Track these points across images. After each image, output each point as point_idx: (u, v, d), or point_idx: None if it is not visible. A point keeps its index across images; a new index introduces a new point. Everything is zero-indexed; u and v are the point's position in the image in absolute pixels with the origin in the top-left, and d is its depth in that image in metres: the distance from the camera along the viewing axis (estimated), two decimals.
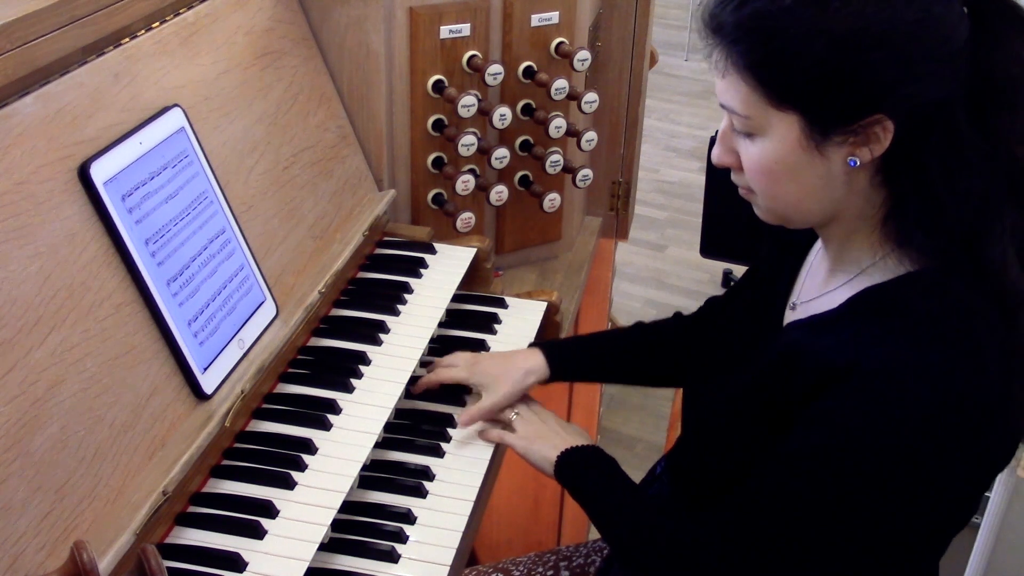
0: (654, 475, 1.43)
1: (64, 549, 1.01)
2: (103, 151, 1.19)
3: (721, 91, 1.09)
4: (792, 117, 1.04)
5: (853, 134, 1.03)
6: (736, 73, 1.05)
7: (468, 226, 1.79)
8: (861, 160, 1.04)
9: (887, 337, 1.03)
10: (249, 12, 1.55)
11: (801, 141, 1.04)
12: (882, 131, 1.02)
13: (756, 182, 1.11)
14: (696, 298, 3.97)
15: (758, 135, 1.07)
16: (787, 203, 1.11)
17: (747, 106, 1.06)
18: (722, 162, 1.14)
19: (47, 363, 1.06)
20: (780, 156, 1.06)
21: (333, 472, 1.27)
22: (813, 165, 1.06)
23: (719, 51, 1.07)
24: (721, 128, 1.13)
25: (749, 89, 1.05)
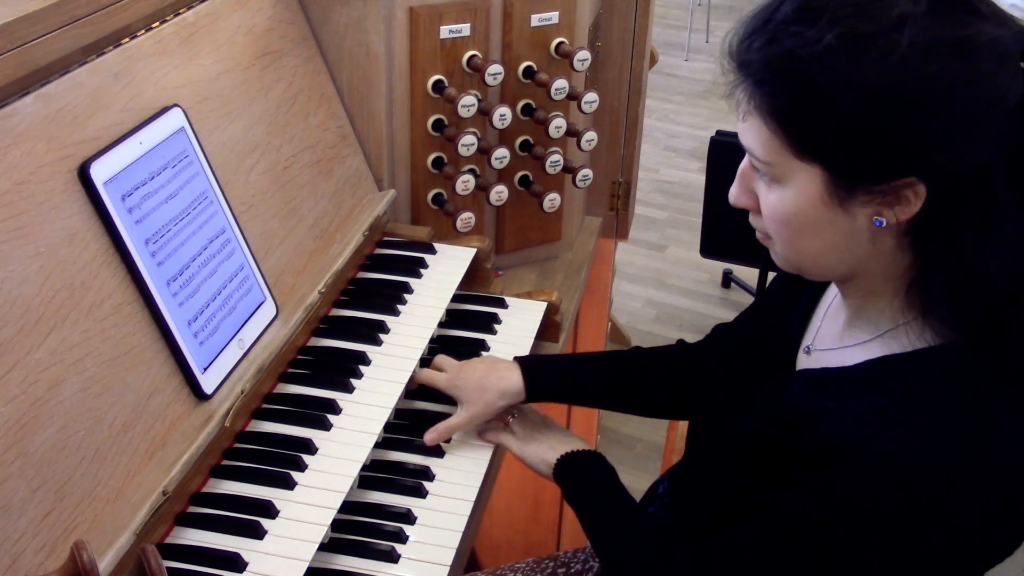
0: (656, 494, 1.42)
1: (64, 549, 1.01)
2: (103, 151, 1.19)
3: (742, 132, 1.01)
4: (815, 169, 0.96)
5: (881, 194, 0.95)
6: (759, 116, 0.97)
7: (468, 226, 1.79)
8: (888, 221, 0.96)
9: (896, 418, 0.97)
10: (249, 12, 1.55)
11: (824, 196, 0.97)
12: (913, 195, 0.94)
13: (774, 230, 1.03)
14: (696, 298, 3.97)
15: (778, 183, 0.99)
16: (805, 256, 1.03)
17: (768, 152, 0.98)
18: (739, 203, 1.06)
19: (47, 363, 1.06)
20: (800, 209, 0.98)
21: (333, 472, 1.27)
22: (836, 221, 0.98)
23: (742, 90, 0.98)
24: (741, 166, 1.05)
25: (771, 134, 0.97)
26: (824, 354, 1.13)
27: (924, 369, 0.99)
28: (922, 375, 0.99)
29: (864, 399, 1.00)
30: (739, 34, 0.99)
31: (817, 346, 1.15)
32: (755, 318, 1.33)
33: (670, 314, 3.87)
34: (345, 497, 1.24)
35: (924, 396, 0.97)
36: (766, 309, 1.31)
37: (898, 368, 1.01)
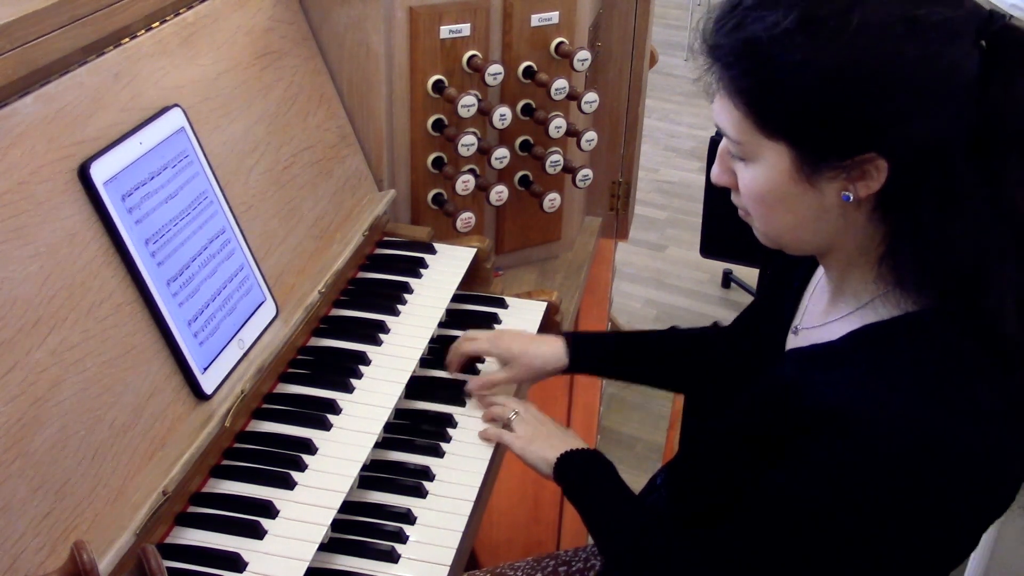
0: (654, 485, 1.42)
1: (64, 549, 1.01)
2: (103, 151, 1.19)
3: (715, 113, 1.06)
4: (782, 147, 1.01)
5: (845, 170, 0.99)
6: (728, 97, 1.03)
7: (468, 226, 1.79)
8: (855, 195, 1.00)
9: (878, 382, 1.00)
10: (249, 12, 1.55)
11: (792, 172, 1.01)
12: (875, 170, 0.98)
13: (751, 207, 1.08)
14: (696, 298, 3.97)
15: (750, 161, 1.04)
16: (781, 231, 1.08)
17: (739, 131, 1.03)
18: (720, 182, 1.11)
19: (47, 363, 1.06)
20: (772, 185, 1.03)
21: (333, 472, 1.27)
22: (806, 196, 1.02)
23: (713, 72, 1.04)
24: (720, 147, 1.10)
25: (741, 115, 1.02)
26: (811, 332, 1.16)
27: (902, 334, 1.03)
28: (900, 339, 1.03)
29: (848, 368, 1.04)
30: (711, 19, 1.04)
31: (805, 325, 1.19)
32: (750, 308, 1.38)
33: (670, 314, 3.87)
34: (345, 497, 1.24)
35: (903, 359, 1.01)
36: (759, 299, 1.36)
37: (878, 335, 1.05)
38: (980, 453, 0.97)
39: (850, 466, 0.98)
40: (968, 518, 1.02)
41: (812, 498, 1.01)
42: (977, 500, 1.00)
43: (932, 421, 0.96)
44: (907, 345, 1.02)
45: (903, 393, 0.98)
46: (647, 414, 3.28)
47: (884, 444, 0.97)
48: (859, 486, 0.98)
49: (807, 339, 1.16)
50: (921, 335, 1.02)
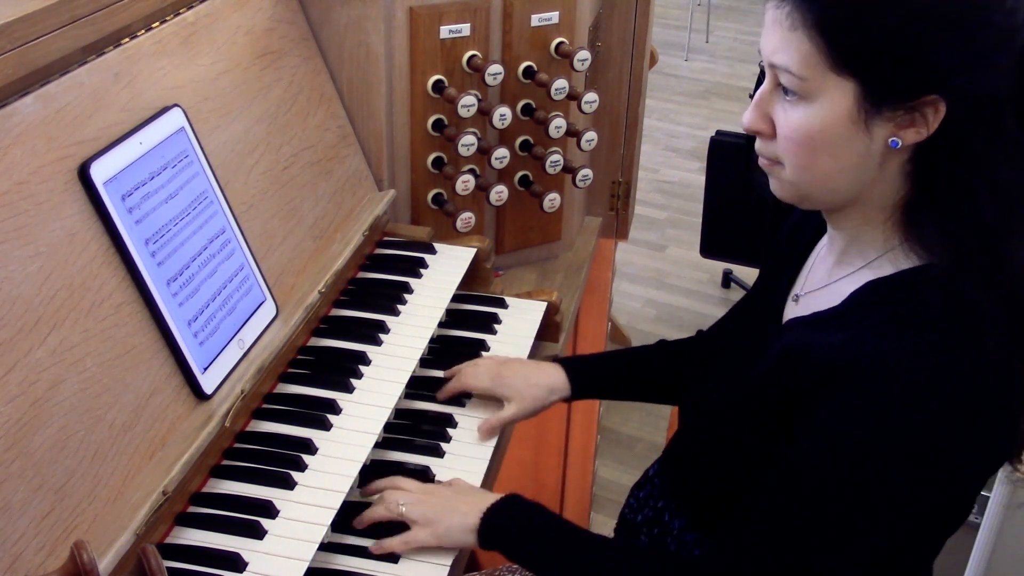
0: (647, 477, 1.42)
1: (64, 549, 1.01)
2: (103, 151, 1.19)
3: (774, 49, 1.05)
4: (849, 85, 1.02)
5: (904, 112, 1.01)
6: (804, 29, 1.02)
7: (468, 226, 1.79)
8: (903, 141, 1.03)
9: (888, 332, 1.03)
10: (249, 12, 1.55)
11: (852, 112, 1.02)
12: (933, 113, 1.01)
13: (790, 151, 1.07)
14: (696, 298, 3.97)
15: (806, 99, 1.04)
16: (816, 176, 1.08)
17: (805, 67, 1.03)
18: (754, 127, 1.11)
19: (47, 363, 1.06)
20: (826, 125, 1.04)
21: (333, 472, 1.27)
22: (855, 139, 1.04)
23: (791, 4, 1.03)
24: (760, 92, 1.09)
25: (813, 49, 1.02)
26: (812, 296, 1.18)
27: (910, 285, 1.06)
28: (908, 291, 1.05)
29: (855, 323, 1.06)
30: None
31: (806, 290, 1.20)
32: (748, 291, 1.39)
33: (670, 314, 3.87)
34: (345, 497, 1.24)
35: (911, 310, 1.03)
36: (757, 280, 1.37)
37: (885, 288, 1.07)
38: (990, 398, 1.00)
39: (864, 417, 1.01)
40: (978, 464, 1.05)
41: (832, 459, 1.03)
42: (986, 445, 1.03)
43: (944, 367, 0.99)
44: (916, 293, 1.04)
45: (914, 340, 1.01)
46: (647, 414, 3.28)
47: (898, 393, 0.99)
48: (877, 438, 1.00)
49: (807, 306, 1.17)
50: (931, 283, 1.04)
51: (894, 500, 1.02)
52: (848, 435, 1.02)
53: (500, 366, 1.50)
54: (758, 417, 1.13)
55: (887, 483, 1.01)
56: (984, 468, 1.08)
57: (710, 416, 1.23)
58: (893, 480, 1.01)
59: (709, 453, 1.21)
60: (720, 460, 1.19)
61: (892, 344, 1.02)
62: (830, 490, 1.03)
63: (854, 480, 1.02)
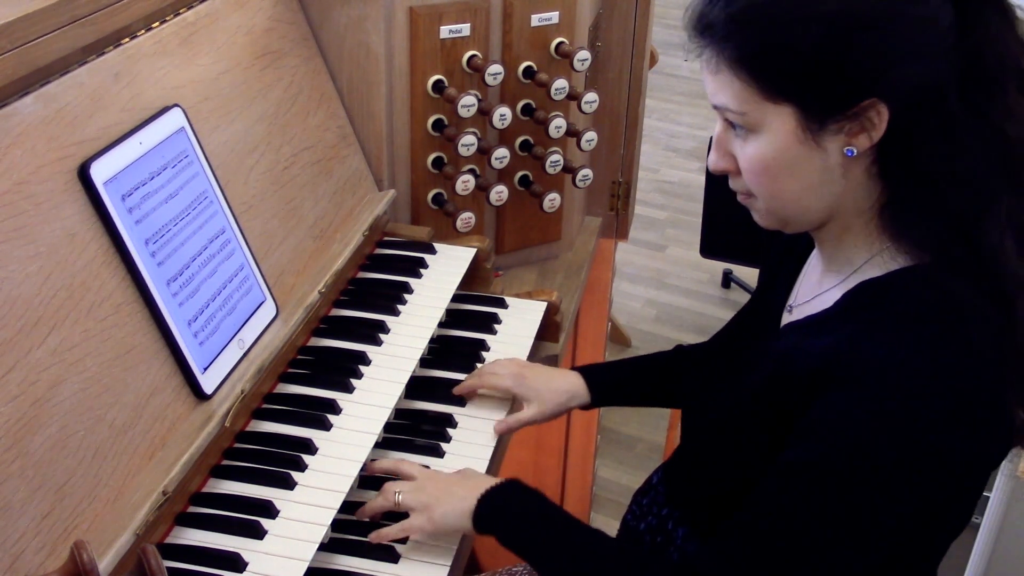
0: (651, 484, 1.42)
1: (64, 549, 1.01)
2: (103, 151, 1.19)
3: (713, 91, 1.08)
4: (787, 109, 1.03)
5: (848, 121, 1.02)
6: (729, 70, 1.04)
7: (468, 226, 1.79)
8: (858, 149, 1.03)
9: (879, 333, 1.03)
10: (249, 12, 1.55)
11: (797, 133, 1.04)
12: (877, 116, 1.01)
13: (755, 182, 1.10)
14: (696, 298, 3.97)
15: (754, 132, 1.06)
16: (787, 201, 1.10)
17: (741, 102, 1.05)
18: (718, 167, 1.13)
19: (47, 363, 1.06)
20: (777, 151, 1.05)
21: (333, 472, 1.27)
22: (811, 158, 1.05)
23: (710, 50, 1.06)
24: (715, 134, 1.12)
25: (743, 84, 1.04)
26: (805, 306, 1.18)
27: (899, 285, 1.06)
28: (894, 291, 1.06)
29: (843, 328, 1.06)
30: (697, 5, 1.08)
31: (798, 301, 1.21)
32: (747, 303, 1.39)
33: (670, 314, 3.87)
34: (345, 497, 1.24)
35: (900, 309, 1.04)
36: (756, 291, 1.38)
37: (874, 289, 1.07)
38: (984, 394, 1.00)
39: (858, 419, 1.00)
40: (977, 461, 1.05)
41: (829, 463, 1.02)
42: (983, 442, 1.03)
43: (937, 364, 0.99)
44: (901, 295, 1.05)
45: (905, 339, 1.01)
46: (647, 414, 3.27)
47: (892, 393, 0.99)
48: (874, 440, 1.00)
49: (801, 313, 1.18)
50: (919, 282, 1.05)
51: (891, 501, 1.01)
52: (842, 436, 1.02)
53: (522, 368, 1.52)
54: (755, 424, 1.12)
55: (883, 485, 1.01)
56: (983, 465, 1.07)
57: (710, 425, 1.23)
58: (889, 482, 1.01)
59: (710, 461, 1.21)
60: (720, 468, 1.18)
61: (882, 345, 1.02)
62: (825, 493, 1.03)
63: (850, 483, 1.01)
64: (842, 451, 1.02)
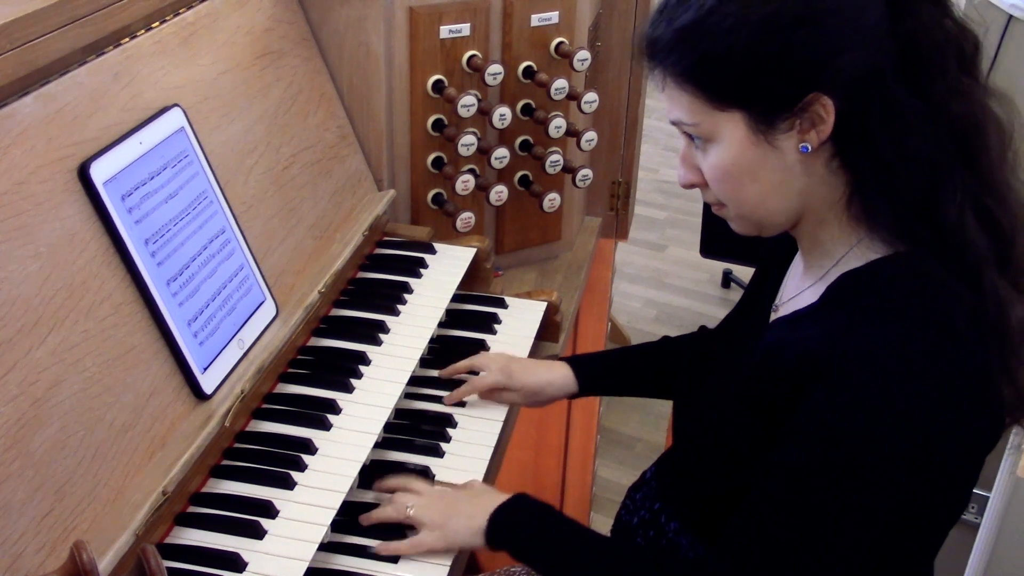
0: (644, 479, 1.42)
1: (64, 549, 1.01)
2: (103, 151, 1.19)
3: (668, 108, 1.11)
4: (736, 115, 1.06)
5: (796, 118, 1.04)
6: (676, 85, 1.08)
7: (468, 226, 1.79)
8: (812, 144, 1.05)
9: (861, 325, 1.04)
10: (249, 12, 1.55)
11: (749, 137, 1.06)
12: (823, 109, 1.03)
13: (720, 190, 1.12)
14: (696, 298, 3.97)
15: (710, 142, 1.09)
16: (753, 205, 1.12)
17: (692, 114, 1.08)
18: (687, 181, 1.16)
19: (47, 363, 1.06)
20: (735, 157, 1.08)
21: (333, 472, 1.27)
22: (768, 159, 1.07)
23: (658, 69, 1.09)
24: (681, 151, 1.15)
25: (690, 97, 1.07)
26: (790, 303, 1.20)
27: (878, 274, 1.07)
28: (879, 280, 1.07)
29: (830, 318, 1.08)
30: (645, 30, 1.12)
31: (783, 299, 1.23)
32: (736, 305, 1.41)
33: (670, 314, 3.87)
34: (345, 497, 1.24)
35: (882, 298, 1.05)
36: (744, 292, 1.40)
37: (855, 280, 1.09)
38: (971, 374, 1.01)
39: (845, 411, 1.01)
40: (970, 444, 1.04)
41: (823, 458, 1.02)
42: (975, 422, 1.03)
43: (921, 349, 1.01)
44: (881, 285, 1.06)
45: (887, 327, 1.02)
46: (647, 414, 3.28)
47: (879, 381, 1.00)
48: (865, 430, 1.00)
49: (787, 310, 1.19)
50: (896, 270, 1.06)
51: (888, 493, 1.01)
52: (834, 433, 1.02)
53: (509, 361, 1.54)
54: (744, 418, 1.13)
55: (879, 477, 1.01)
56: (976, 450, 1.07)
57: (698, 421, 1.24)
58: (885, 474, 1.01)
59: (700, 456, 1.22)
60: (709, 463, 1.19)
61: (865, 337, 1.03)
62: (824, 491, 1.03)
63: (846, 479, 1.02)
64: (835, 447, 1.02)
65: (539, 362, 1.59)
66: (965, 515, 2.10)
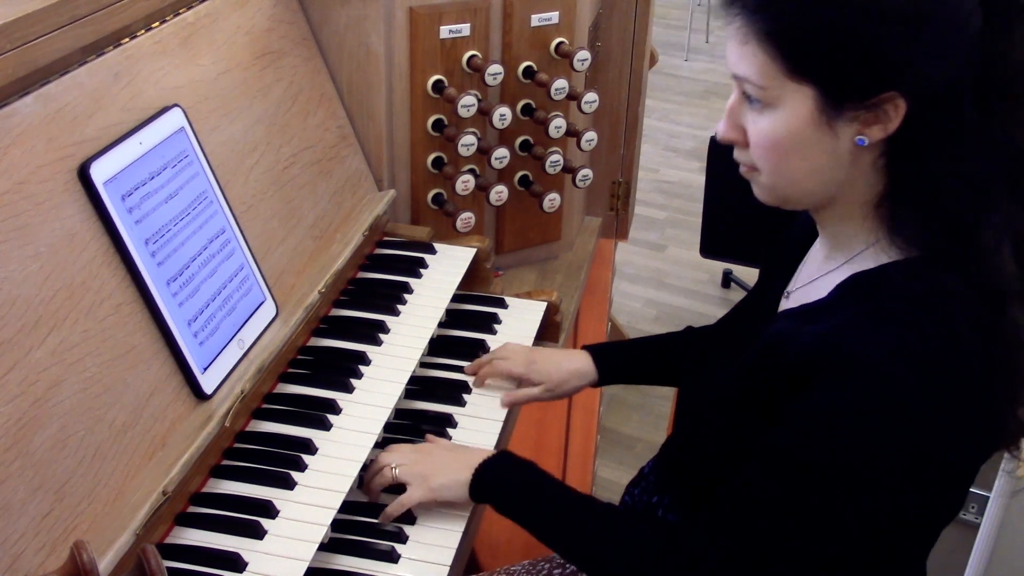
0: (642, 474, 1.43)
1: (64, 549, 1.01)
2: (103, 151, 1.19)
3: (735, 61, 1.07)
4: (808, 89, 1.03)
5: (865, 110, 1.02)
6: (757, 42, 1.04)
7: (468, 226, 1.79)
8: (869, 139, 1.04)
9: (868, 325, 1.03)
10: (249, 12, 1.55)
11: (814, 115, 1.04)
12: (894, 110, 1.02)
13: (762, 157, 1.09)
14: (696, 298, 3.97)
15: (770, 107, 1.06)
16: (791, 180, 1.10)
17: (763, 76, 1.05)
18: (727, 137, 1.13)
19: (47, 363, 1.06)
20: (791, 130, 1.05)
21: (333, 472, 1.27)
22: (822, 141, 1.05)
23: (741, 19, 1.05)
24: (729, 102, 1.12)
25: (768, 58, 1.04)
26: (802, 291, 1.20)
27: (891, 278, 1.07)
28: (889, 283, 1.06)
29: (835, 317, 1.07)
30: None
31: (797, 285, 1.23)
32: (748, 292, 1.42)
33: (670, 314, 3.87)
34: (345, 497, 1.24)
35: (890, 301, 1.05)
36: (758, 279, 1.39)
37: (866, 281, 1.08)
38: (971, 384, 1.01)
39: (845, 406, 1.01)
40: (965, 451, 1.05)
41: (818, 448, 1.03)
42: (970, 432, 1.03)
43: (924, 353, 1.00)
44: (892, 288, 1.05)
45: (893, 329, 1.02)
46: (647, 414, 3.28)
47: (880, 381, 1.00)
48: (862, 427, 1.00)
49: (798, 299, 1.19)
50: (908, 275, 1.06)
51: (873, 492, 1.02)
52: (829, 425, 1.02)
53: (531, 352, 1.56)
54: (744, 406, 1.14)
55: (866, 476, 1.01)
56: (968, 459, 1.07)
57: (700, 406, 1.24)
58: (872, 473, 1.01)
59: (699, 445, 1.22)
60: (709, 452, 1.19)
61: (871, 337, 1.02)
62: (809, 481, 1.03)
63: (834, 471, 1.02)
64: (828, 440, 1.02)
65: (560, 352, 1.61)
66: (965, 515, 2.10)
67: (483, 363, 1.56)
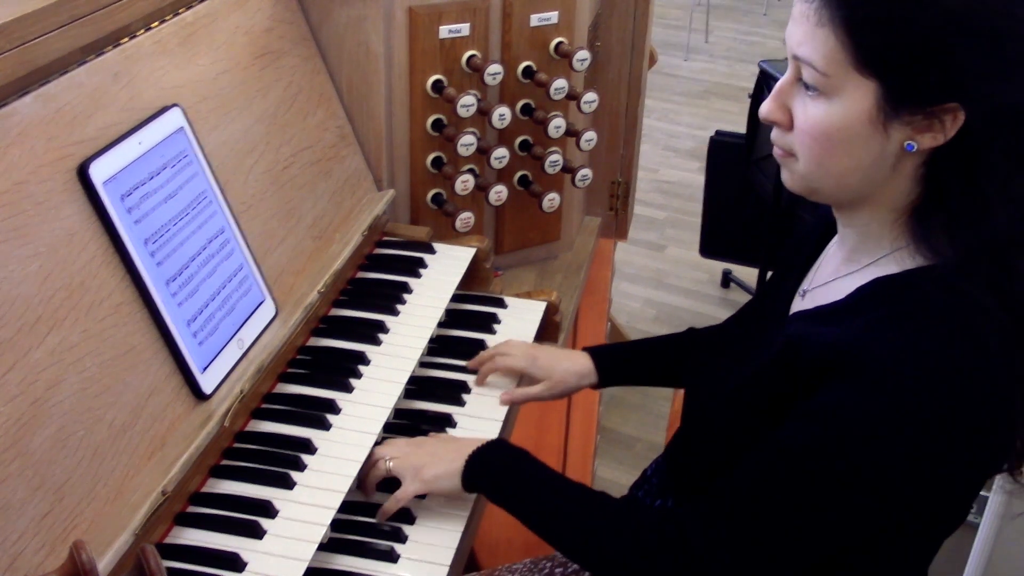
0: (645, 476, 1.42)
1: (63, 549, 1.01)
2: (102, 151, 1.19)
3: (801, 40, 1.04)
4: (871, 85, 1.01)
5: (923, 116, 1.01)
6: (830, 27, 1.01)
7: (467, 226, 1.79)
8: (920, 146, 1.02)
9: (891, 327, 1.02)
10: (248, 12, 1.55)
11: (871, 112, 1.02)
12: (951, 120, 1.00)
13: (805, 144, 1.07)
14: (696, 298, 3.97)
15: (826, 96, 1.04)
16: (829, 173, 1.07)
17: (829, 63, 1.02)
18: (772, 118, 1.10)
19: (46, 363, 1.06)
20: (845, 123, 1.03)
21: (333, 472, 1.27)
22: (872, 140, 1.03)
23: (821, 3, 1.02)
24: (780, 83, 1.09)
25: (838, 46, 1.01)
26: (818, 291, 1.18)
27: (914, 284, 1.05)
28: (913, 289, 1.05)
29: (858, 318, 1.05)
30: None
31: (813, 285, 1.21)
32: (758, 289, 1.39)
33: (669, 314, 3.87)
34: (345, 497, 1.24)
35: (915, 307, 1.03)
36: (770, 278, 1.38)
37: (890, 286, 1.07)
38: (990, 398, 1.00)
39: (865, 411, 1.00)
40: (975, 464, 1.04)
41: (826, 446, 1.02)
42: (984, 445, 1.03)
43: (946, 363, 0.99)
44: (921, 291, 1.04)
45: (916, 335, 1.00)
46: (647, 414, 3.28)
47: (898, 387, 0.99)
48: (874, 430, 1.00)
49: (813, 300, 1.18)
50: (936, 283, 1.04)
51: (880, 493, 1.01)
52: (840, 425, 1.02)
53: (533, 348, 1.56)
54: (756, 406, 1.13)
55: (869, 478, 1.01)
56: (978, 469, 1.07)
57: (711, 407, 1.23)
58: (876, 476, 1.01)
59: (708, 444, 1.21)
60: (718, 452, 1.19)
61: (893, 339, 1.01)
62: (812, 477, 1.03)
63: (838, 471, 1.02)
64: (837, 439, 1.02)
65: (562, 351, 1.61)
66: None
67: (485, 358, 1.56)
